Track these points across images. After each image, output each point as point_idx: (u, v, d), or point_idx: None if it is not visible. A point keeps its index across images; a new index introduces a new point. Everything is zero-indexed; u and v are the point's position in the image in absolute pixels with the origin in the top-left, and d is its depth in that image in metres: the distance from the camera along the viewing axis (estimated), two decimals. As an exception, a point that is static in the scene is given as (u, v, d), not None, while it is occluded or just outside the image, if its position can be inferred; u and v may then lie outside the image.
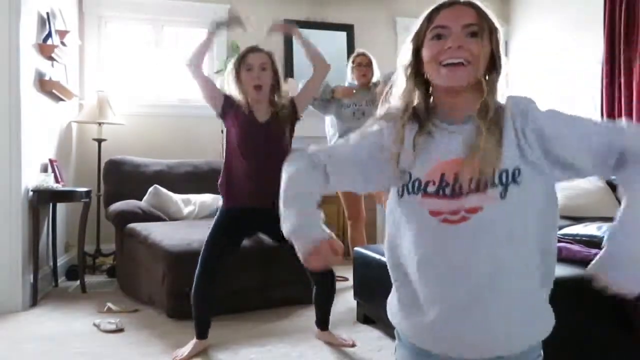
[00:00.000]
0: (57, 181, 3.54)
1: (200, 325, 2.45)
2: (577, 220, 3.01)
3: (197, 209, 3.90)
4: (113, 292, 3.56)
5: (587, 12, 4.42)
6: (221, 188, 2.50)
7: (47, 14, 3.55)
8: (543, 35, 4.89)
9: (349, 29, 5.02)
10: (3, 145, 3.06)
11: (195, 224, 3.48)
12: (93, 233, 4.13)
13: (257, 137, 2.42)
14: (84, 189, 3.68)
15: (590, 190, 3.46)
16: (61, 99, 3.88)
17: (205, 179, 3.99)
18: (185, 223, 3.59)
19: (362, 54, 3.74)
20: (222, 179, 2.50)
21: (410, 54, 1.10)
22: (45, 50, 3.47)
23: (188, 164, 4.21)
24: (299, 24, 4.87)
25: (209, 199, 3.93)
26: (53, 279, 3.69)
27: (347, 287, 3.45)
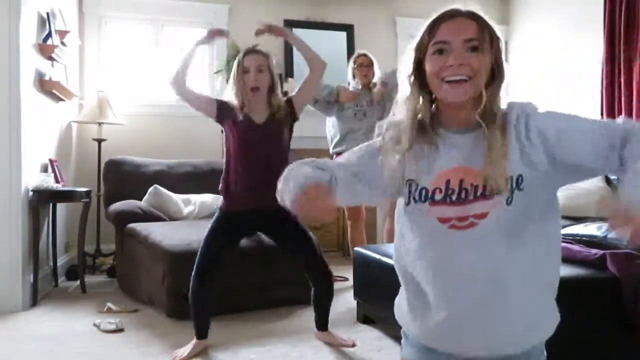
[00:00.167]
0: (57, 181, 3.54)
1: (200, 325, 2.45)
2: (577, 220, 3.01)
3: (197, 209, 3.90)
4: (113, 292, 3.56)
5: (587, 12, 4.42)
6: (221, 192, 2.50)
7: (47, 14, 3.55)
8: (543, 35, 4.88)
9: (349, 29, 5.02)
10: (3, 145, 3.06)
11: (195, 224, 3.48)
12: (93, 233, 4.13)
13: (255, 138, 2.41)
14: (84, 189, 3.68)
15: (590, 190, 3.46)
16: (61, 99, 3.88)
17: (205, 179, 3.98)
18: (185, 223, 3.59)
19: (364, 55, 3.75)
20: (222, 184, 2.49)
21: (413, 63, 1.11)
22: (45, 50, 3.47)
23: (188, 164, 4.21)
24: (299, 24, 4.92)
25: (209, 199, 3.93)
26: (53, 279, 3.69)
27: (347, 287, 3.45)
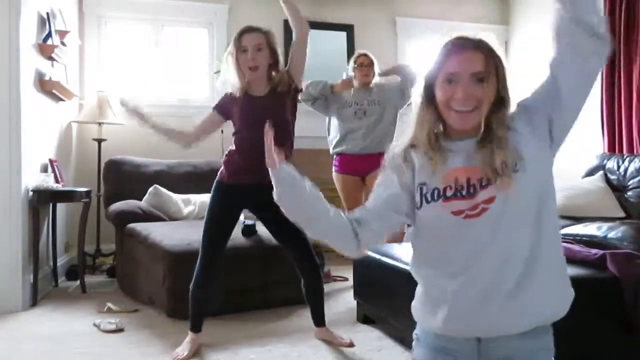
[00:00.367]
0: (57, 181, 3.54)
1: (196, 317, 2.47)
2: (577, 220, 3.01)
3: (197, 209, 3.90)
4: (113, 292, 3.56)
5: (587, 12, 4.41)
6: (224, 164, 2.53)
7: (47, 14, 3.55)
8: (543, 35, 4.86)
9: (348, 29, 5.02)
10: (3, 145, 3.06)
11: (195, 224, 3.47)
12: (93, 233, 4.13)
13: (256, 109, 2.40)
14: (84, 189, 3.68)
15: (590, 190, 3.46)
16: (61, 99, 3.88)
17: (205, 179, 3.96)
18: (185, 223, 3.59)
19: (364, 55, 3.75)
20: (226, 156, 2.52)
21: (424, 88, 1.21)
22: (45, 50, 3.47)
23: (188, 164, 4.21)
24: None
25: (209, 199, 3.92)
26: (53, 279, 3.69)
27: (347, 287, 3.45)
